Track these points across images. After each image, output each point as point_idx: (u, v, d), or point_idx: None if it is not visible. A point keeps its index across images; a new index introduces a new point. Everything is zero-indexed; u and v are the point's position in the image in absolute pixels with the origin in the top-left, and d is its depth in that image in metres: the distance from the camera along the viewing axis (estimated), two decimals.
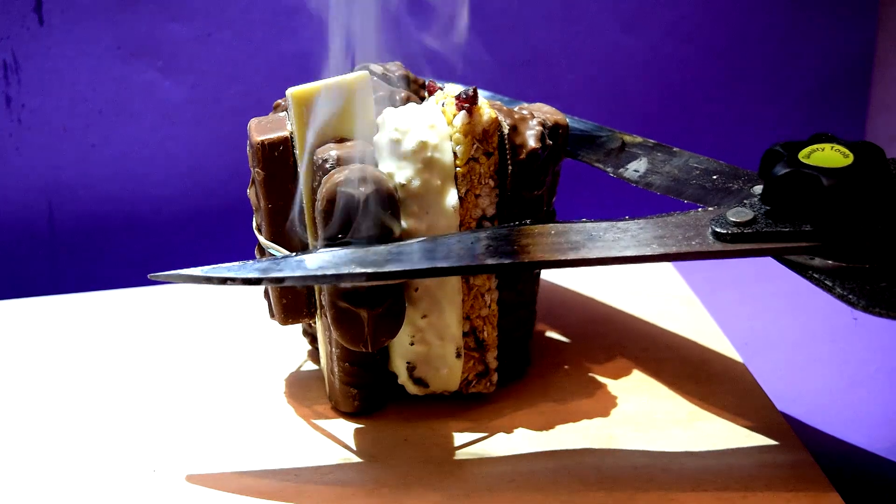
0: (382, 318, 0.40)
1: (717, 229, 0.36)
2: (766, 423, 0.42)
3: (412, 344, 0.42)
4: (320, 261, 0.38)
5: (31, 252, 0.67)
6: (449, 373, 0.43)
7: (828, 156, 0.35)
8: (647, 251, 0.36)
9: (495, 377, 0.44)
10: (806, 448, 0.40)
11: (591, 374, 0.47)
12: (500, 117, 0.41)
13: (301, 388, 0.47)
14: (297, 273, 0.37)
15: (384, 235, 0.39)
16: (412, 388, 0.43)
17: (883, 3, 0.72)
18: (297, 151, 0.41)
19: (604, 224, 0.38)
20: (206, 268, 0.38)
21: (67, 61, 0.64)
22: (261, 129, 0.42)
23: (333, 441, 0.42)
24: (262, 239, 0.43)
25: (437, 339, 0.42)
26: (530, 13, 0.69)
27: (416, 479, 0.40)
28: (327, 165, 0.40)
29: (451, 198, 0.40)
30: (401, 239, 0.39)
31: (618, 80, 0.72)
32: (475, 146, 0.40)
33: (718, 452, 0.40)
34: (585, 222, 0.38)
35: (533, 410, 0.44)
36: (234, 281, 0.38)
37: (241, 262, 0.38)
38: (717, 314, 0.53)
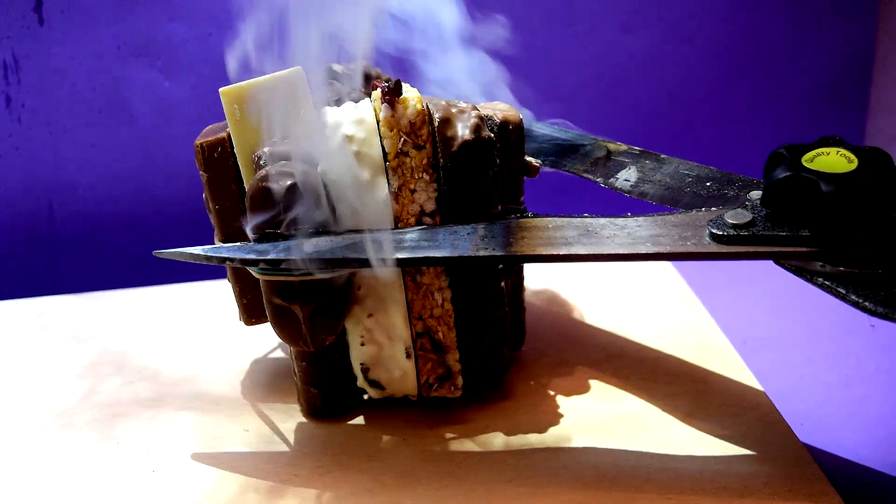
0: (318, 315, 0.40)
1: (714, 230, 0.36)
2: (765, 421, 0.42)
3: (363, 344, 0.42)
4: (315, 245, 0.38)
5: (31, 252, 0.68)
6: (403, 375, 0.42)
7: (832, 160, 0.35)
8: (641, 249, 0.36)
9: (460, 381, 0.43)
10: (804, 447, 0.40)
11: (589, 373, 0.47)
12: (432, 110, 0.40)
13: None
14: (293, 256, 0.38)
15: (312, 229, 0.38)
16: (370, 391, 0.43)
17: (883, 3, 0.72)
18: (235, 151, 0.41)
19: (602, 220, 0.38)
20: (207, 247, 0.39)
21: (67, 61, 0.64)
22: (205, 133, 0.42)
23: (332, 440, 0.42)
24: (216, 241, 0.43)
25: (387, 339, 0.41)
26: (531, 13, 0.69)
27: (415, 479, 0.40)
28: (261, 162, 0.40)
29: (381, 191, 0.39)
30: (330, 233, 0.39)
31: (618, 81, 0.72)
32: (402, 140, 0.39)
33: (717, 451, 0.40)
34: (585, 217, 0.38)
35: (531, 409, 0.44)
36: (232, 261, 0.38)
37: (241, 244, 0.39)
38: (716, 313, 0.53)
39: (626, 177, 0.42)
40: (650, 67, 0.72)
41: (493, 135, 0.40)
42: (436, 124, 0.40)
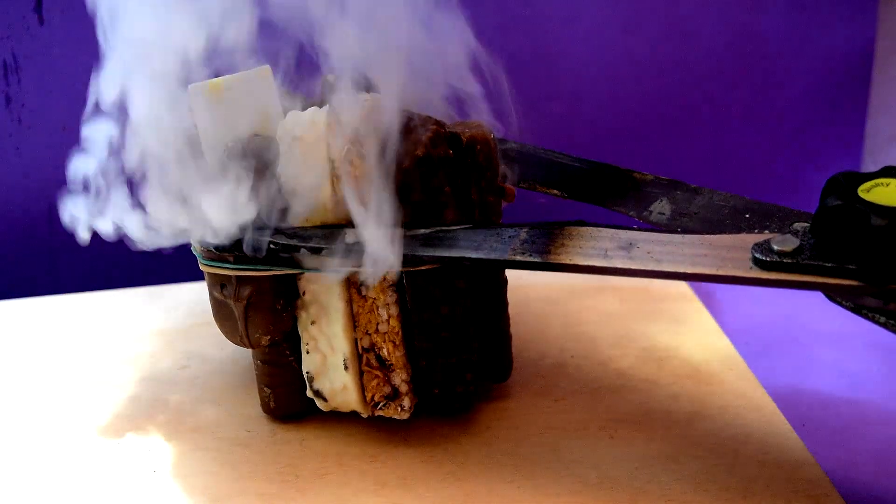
0: (252, 313, 0.40)
1: (758, 255, 0.33)
2: (767, 422, 0.42)
3: (308, 352, 0.42)
4: (354, 237, 0.38)
5: (31, 252, 0.67)
6: (344, 388, 0.41)
7: (890, 192, 0.32)
8: (678, 269, 0.34)
9: (408, 402, 0.41)
10: (806, 448, 0.40)
11: (590, 374, 0.47)
12: (387, 121, 0.39)
13: None
14: (329, 246, 0.38)
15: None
16: (317, 402, 0.43)
17: (883, 3, 0.72)
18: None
19: (647, 234, 0.36)
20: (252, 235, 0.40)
21: (67, 61, 0.64)
22: None
23: (334, 441, 0.42)
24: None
25: (329, 349, 0.41)
26: (530, 13, 0.69)
27: (416, 480, 0.40)
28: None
29: (325, 195, 0.39)
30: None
31: (618, 81, 0.72)
32: (347, 148, 0.39)
33: (719, 453, 0.40)
34: (632, 230, 0.36)
35: (533, 410, 0.44)
36: (275, 245, 0.39)
37: (287, 230, 0.40)
38: (717, 313, 0.53)
39: (661, 210, 0.41)
40: (649, 67, 0.72)
41: (451, 152, 0.39)
42: (389, 136, 0.39)
